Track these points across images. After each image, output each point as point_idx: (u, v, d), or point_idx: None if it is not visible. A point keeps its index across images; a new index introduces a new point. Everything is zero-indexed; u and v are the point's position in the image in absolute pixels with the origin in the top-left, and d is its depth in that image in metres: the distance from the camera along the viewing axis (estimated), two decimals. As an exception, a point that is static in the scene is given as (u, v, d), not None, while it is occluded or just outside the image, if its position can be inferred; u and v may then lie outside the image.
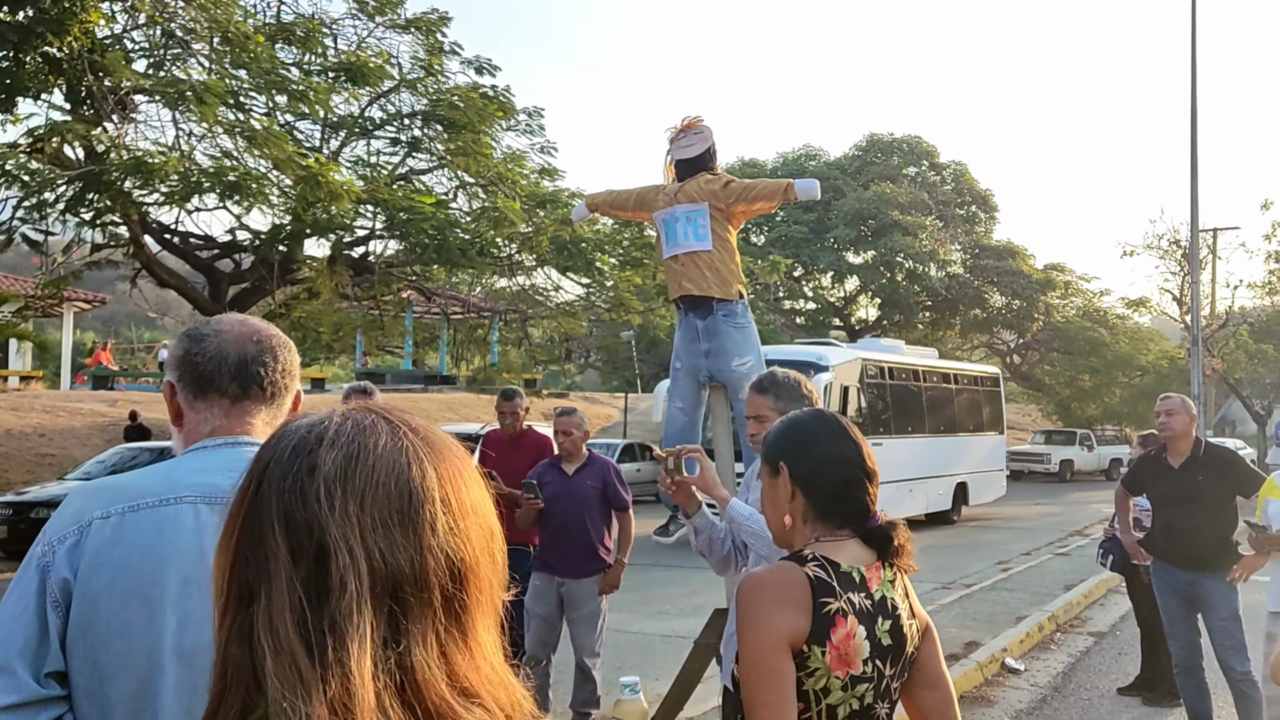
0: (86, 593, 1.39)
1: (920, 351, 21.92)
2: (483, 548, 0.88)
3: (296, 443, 0.85)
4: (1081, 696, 6.81)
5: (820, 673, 1.76)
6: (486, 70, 16.91)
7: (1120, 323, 38.46)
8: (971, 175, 38.57)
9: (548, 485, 5.51)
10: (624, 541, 5.76)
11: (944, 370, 21.10)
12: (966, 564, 12.86)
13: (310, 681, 0.76)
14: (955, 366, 23.26)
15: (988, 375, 23.35)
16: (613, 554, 5.70)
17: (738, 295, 4.84)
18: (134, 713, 1.40)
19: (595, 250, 16.60)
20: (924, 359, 20.56)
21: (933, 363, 20.77)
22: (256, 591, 0.80)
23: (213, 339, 1.59)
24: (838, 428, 1.92)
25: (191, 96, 11.52)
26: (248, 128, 12.73)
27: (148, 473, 1.52)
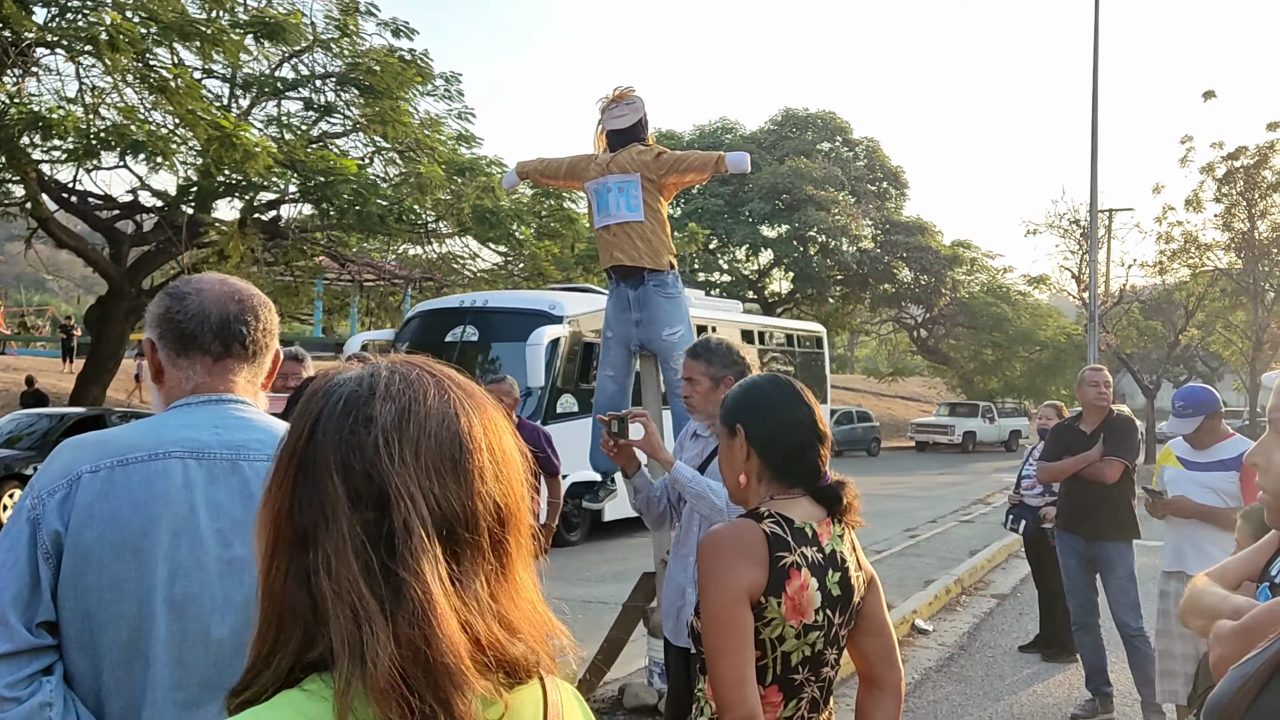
0: (78, 545, 1.42)
1: (717, 304, 18.79)
2: (521, 493, 0.94)
3: (348, 396, 0.89)
4: (986, 654, 7.15)
5: (776, 622, 1.87)
6: (404, 33, 16.59)
7: (1022, 299, 39.80)
8: (883, 152, 39.37)
9: None
10: (553, 507, 5.82)
11: (746, 325, 18.01)
12: (876, 531, 13.28)
13: (376, 619, 0.81)
14: (761, 322, 20.08)
15: (807, 334, 20.38)
16: (541, 519, 5.76)
17: (669, 266, 4.92)
18: (125, 661, 1.43)
19: (514, 220, 16.51)
20: (717, 311, 17.26)
21: (728, 316, 17.53)
22: (314, 536, 0.84)
23: (194, 297, 1.61)
24: (792, 392, 2.03)
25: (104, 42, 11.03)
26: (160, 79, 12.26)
27: (133, 428, 1.54)
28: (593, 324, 13.22)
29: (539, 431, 5.72)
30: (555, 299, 13.18)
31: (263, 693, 0.84)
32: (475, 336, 12.73)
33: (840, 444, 31.64)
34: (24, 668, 1.37)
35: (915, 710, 5.89)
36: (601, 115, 5.10)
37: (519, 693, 0.92)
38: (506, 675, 0.89)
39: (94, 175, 16.61)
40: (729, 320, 16.92)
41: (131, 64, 11.89)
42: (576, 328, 12.90)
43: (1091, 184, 22.66)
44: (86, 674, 1.43)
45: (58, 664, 1.41)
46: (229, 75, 15.64)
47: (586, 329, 12.98)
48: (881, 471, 25.34)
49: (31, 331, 32.61)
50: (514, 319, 12.56)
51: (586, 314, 13.04)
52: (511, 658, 0.88)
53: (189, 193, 15.42)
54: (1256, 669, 1.30)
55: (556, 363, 12.32)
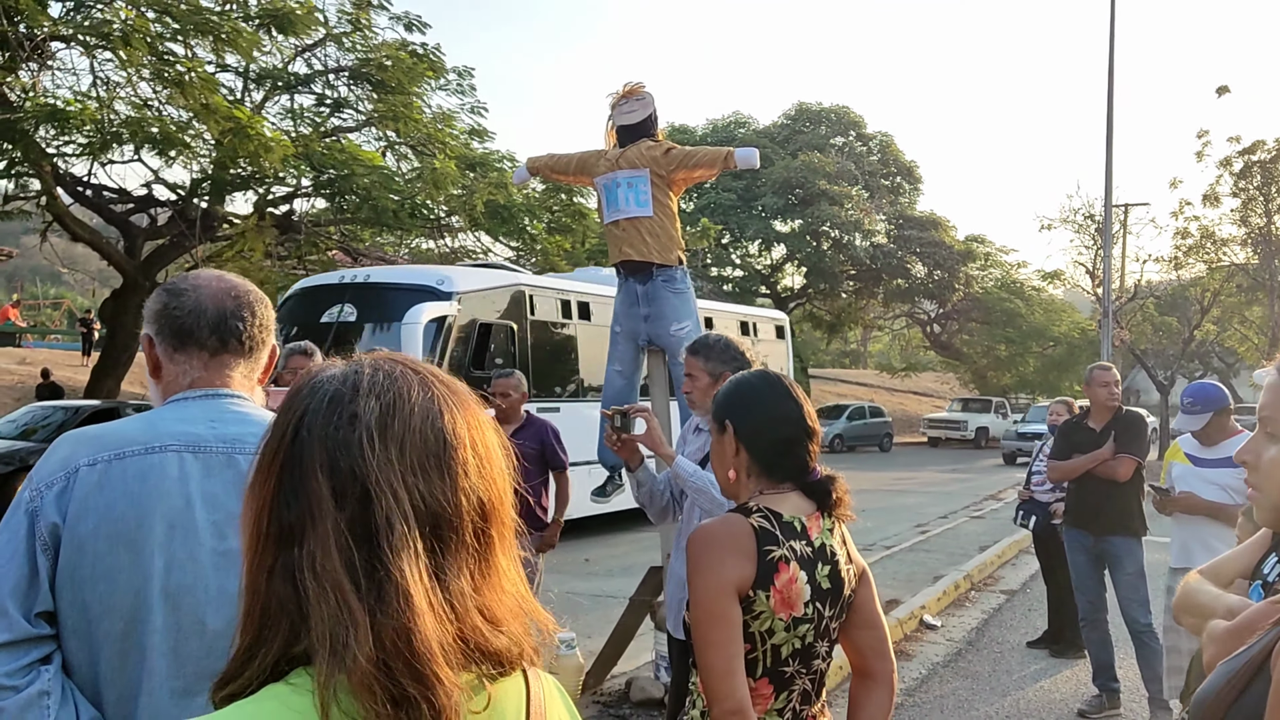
0: (74, 537, 1.45)
1: None
2: (504, 488, 0.96)
3: (333, 393, 0.90)
4: (994, 650, 7.15)
5: (765, 615, 1.88)
6: (416, 27, 16.64)
7: (1036, 294, 39.63)
8: (897, 146, 39.23)
9: None
10: (561, 501, 5.85)
11: None
12: (886, 526, 13.28)
13: (358, 614, 0.82)
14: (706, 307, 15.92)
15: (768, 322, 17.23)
16: (550, 514, 5.79)
17: (677, 261, 4.94)
18: (121, 651, 1.46)
19: (526, 214, 16.53)
20: None
21: None
22: (299, 533, 0.86)
23: (191, 294, 1.64)
24: (781, 388, 2.04)
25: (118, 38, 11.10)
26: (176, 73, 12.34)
27: (132, 421, 1.57)
28: (492, 303, 11.75)
29: (547, 426, 5.75)
30: (447, 274, 11.58)
31: (247, 686, 0.86)
32: (354, 315, 11.27)
33: (852, 439, 31.62)
34: (22, 657, 1.40)
35: (921, 705, 5.90)
36: (611, 111, 5.12)
37: (503, 684, 0.93)
38: (491, 666, 0.91)
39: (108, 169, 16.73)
40: None
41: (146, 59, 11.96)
42: (469, 306, 11.22)
43: (1106, 179, 22.54)
44: (84, 663, 1.46)
45: (56, 653, 1.44)
46: (243, 69, 15.72)
47: (483, 309, 11.42)
48: (893, 467, 25.30)
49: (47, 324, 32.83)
50: (396, 295, 11.18)
51: (482, 291, 11.50)
52: (495, 649, 0.90)
53: (202, 186, 15.51)
54: (1240, 666, 1.32)
55: (441, 345, 10.83)
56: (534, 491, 5.65)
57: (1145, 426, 5.72)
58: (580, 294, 13.37)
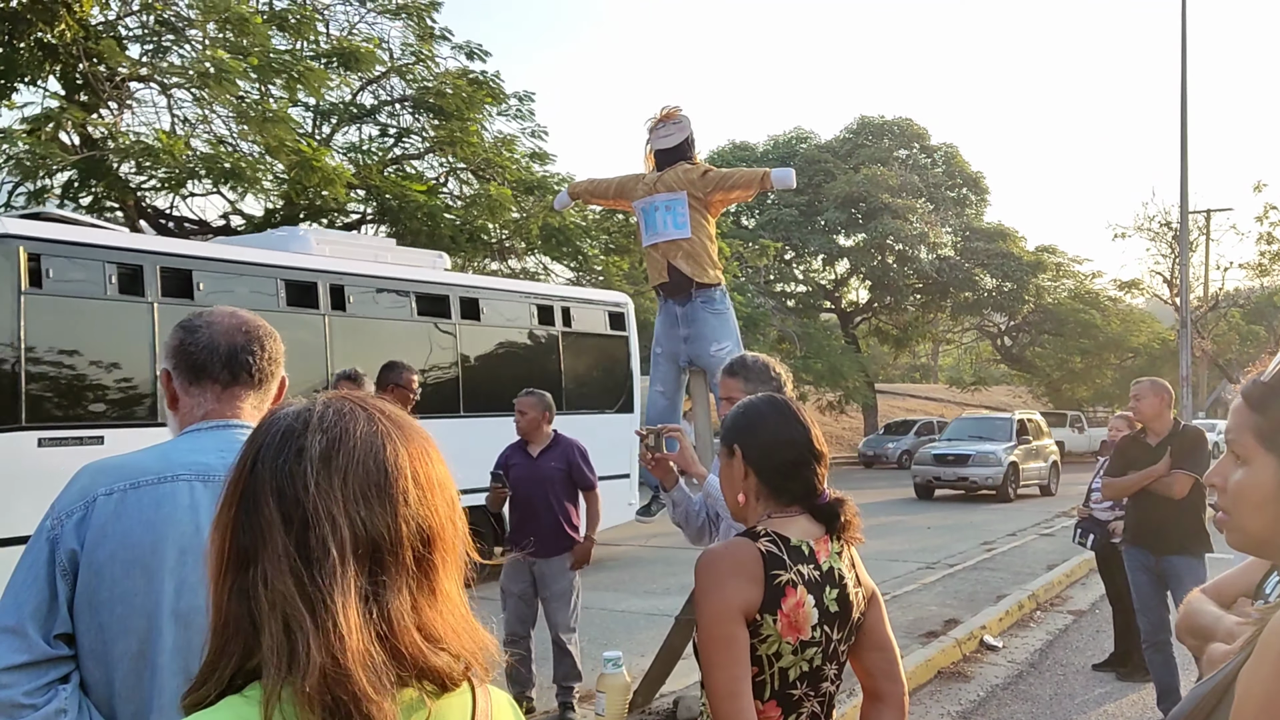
0: (92, 562, 1.54)
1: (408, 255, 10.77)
2: (447, 516, 1.02)
3: (285, 428, 0.99)
4: (1057, 672, 6.99)
5: (772, 639, 1.90)
6: (477, 55, 16.99)
7: (1112, 305, 38.69)
8: (962, 157, 38.71)
9: (513, 468, 5.66)
10: (592, 519, 5.91)
11: (463, 292, 10.53)
12: (951, 544, 13.06)
13: (300, 631, 0.90)
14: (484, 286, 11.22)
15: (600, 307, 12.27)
16: (581, 531, 5.85)
17: (716, 281, 4.97)
18: (135, 670, 1.54)
19: (582, 236, 16.70)
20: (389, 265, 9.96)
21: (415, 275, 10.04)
22: (253, 556, 0.94)
23: (205, 330, 1.73)
24: (788, 412, 2.06)
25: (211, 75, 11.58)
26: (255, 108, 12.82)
27: (147, 453, 1.66)
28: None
29: (574, 446, 5.83)
30: None
31: (208, 696, 0.94)
32: None
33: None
34: (41, 676, 1.49)
35: (978, 728, 5.79)
36: (649, 135, 5.19)
37: (447, 700, 0.99)
38: (432, 683, 0.96)
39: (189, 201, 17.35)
40: (416, 283, 9.95)
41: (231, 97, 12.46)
42: None
43: (1182, 183, 21.95)
44: (100, 682, 1.55)
45: (74, 673, 1.53)
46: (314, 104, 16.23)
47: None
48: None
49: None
50: None
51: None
52: (434, 667, 0.96)
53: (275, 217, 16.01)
54: (1210, 689, 1.31)
55: None
56: (563, 512, 5.72)
57: (1204, 442, 5.57)
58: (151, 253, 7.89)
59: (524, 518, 5.67)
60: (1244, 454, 1.30)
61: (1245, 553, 1.38)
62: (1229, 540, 1.37)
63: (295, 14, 14.35)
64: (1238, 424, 1.31)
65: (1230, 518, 1.34)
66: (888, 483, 24.93)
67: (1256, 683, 1.16)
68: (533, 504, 5.63)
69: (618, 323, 12.39)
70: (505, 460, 5.75)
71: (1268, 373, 1.31)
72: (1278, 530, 1.30)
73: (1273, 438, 1.28)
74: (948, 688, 6.51)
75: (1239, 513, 1.33)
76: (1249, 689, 1.16)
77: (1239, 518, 1.32)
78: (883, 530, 14.96)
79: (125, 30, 14.03)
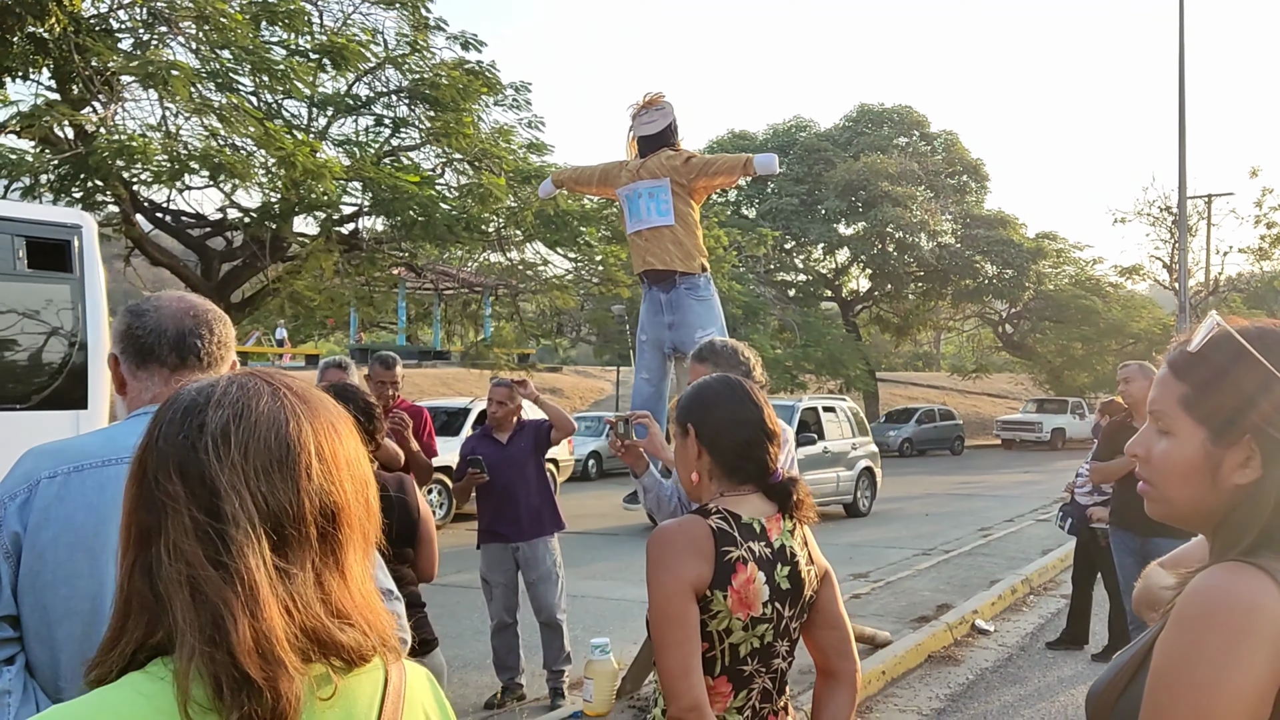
0: (35, 545, 1.55)
1: None
2: (354, 493, 1.02)
3: (187, 404, 0.99)
4: (1046, 655, 7.01)
5: (722, 615, 1.92)
6: (472, 45, 16.92)
7: (1113, 291, 38.60)
8: (962, 145, 38.63)
9: (485, 457, 5.66)
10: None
11: None
12: (948, 531, 13.08)
13: (204, 606, 0.90)
14: None
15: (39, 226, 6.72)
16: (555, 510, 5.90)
17: (700, 269, 4.97)
18: (82, 652, 1.55)
19: (581, 224, 16.69)
20: None
21: None
22: (155, 533, 0.94)
23: (152, 314, 1.74)
24: (741, 392, 2.07)
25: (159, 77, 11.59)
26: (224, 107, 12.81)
27: (92, 436, 1.67)
28: None
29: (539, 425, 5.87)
30: None
31: (109, 672, 0.94)
32: None
33: (922, 443, 31.12)
34: None
35: (965, 711, 5.81)
36: (632, 122, 5.18)
37: (356, 676, 0.99)
38: (339, 659, 0.97)
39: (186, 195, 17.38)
40: None
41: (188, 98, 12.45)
42: None
43: (1180, 168, 21.88)
44: (46, 664, 1.56)
45: (19, 655, 1.55)
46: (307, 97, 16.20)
47: None
48: (963, 470, 24.87)
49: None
50: None
51: None
52: (340, 642, 0.96)
53: (271, 210, 16.01)
54: (1130, 656, 1.32)
55: None
56: (541, 493, 5.75)
57: None
58: None
59: (502, 505, 5.68)
60: (1168, 425, 1.29)
61: (1170, 524, 1.38)
62: (1151, 511, 1.37)
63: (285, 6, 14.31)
64: (1163, 394, 1.30)
65: (1153, 489, 1.34)
66: (888, 470, 24.91)
67: (1169, 648, 1.17)
68: (511, 490, 5.65)
69: (55, 258, 6.92)
70: (472, 450, 5.75)
71: (1194, 341, 1.29)
72: (1203, 501, 1.29)
73: (1199, 407, 1.27)
74: (937, 671, 6.54)
75: (1164, 484, 1.32)
76: (1163, 655, 1.17)
77: (1163, 489, 1.32)
78: (880, 518, 14.98)
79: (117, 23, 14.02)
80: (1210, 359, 1.25)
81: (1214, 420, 1.24)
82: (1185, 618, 1.17)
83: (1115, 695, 1.28)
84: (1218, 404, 1.24)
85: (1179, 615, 1.18)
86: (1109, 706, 1.28)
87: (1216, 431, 1.24)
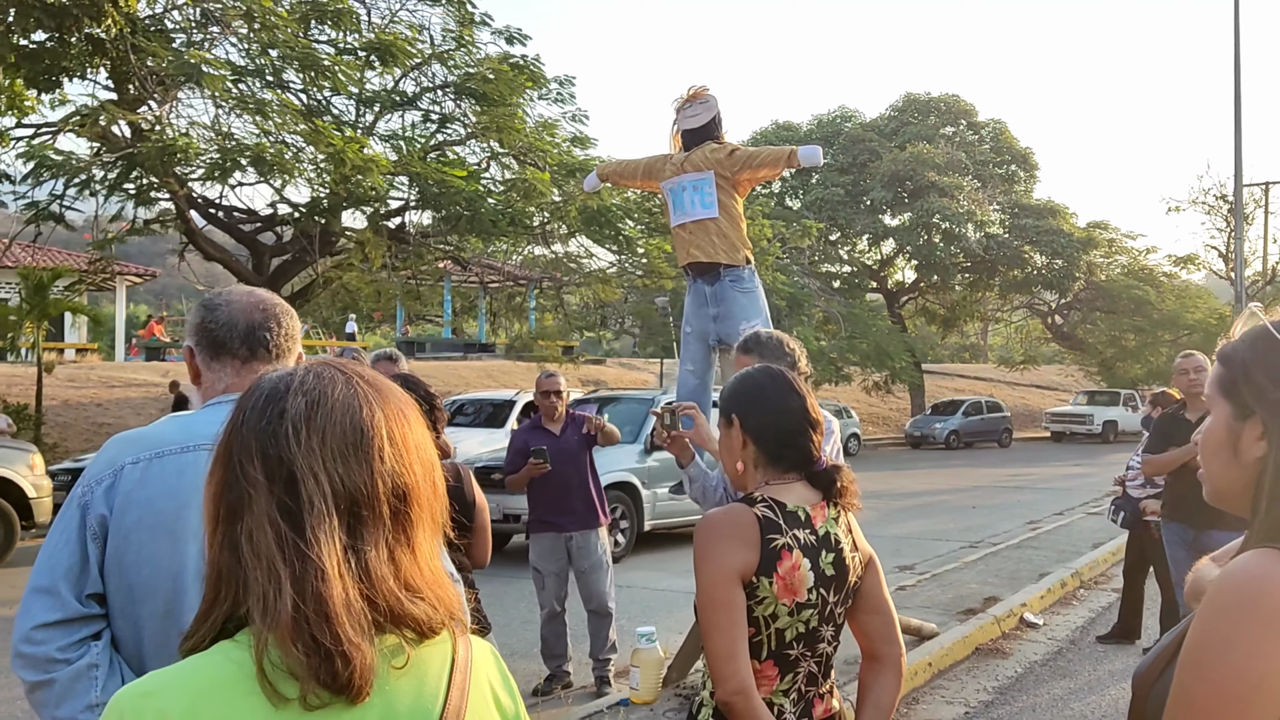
0: (120, 527, 1.65)
1: None
2: (423, 475, 1.09)
3: (269, 392, 1.07)
4: (1097, 649, 6.96)
5: (769, 601, 1.97)
6: (517, 40, 17.05)
7: (1167, 281, 37.88)
8: (1011, 134, 38.09)
9: (544, 448, 5.74)
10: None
11: None
12: (996, 524, 12.98)
13: (282, 580, 0.98)
14: None
15: None
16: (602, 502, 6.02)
17: (744, 261, 5.01)
18: (163, 629, 1.65)
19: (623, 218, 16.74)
20: None
21: None
22: (240, 512, 1.02)
23: (224, 308, 1.83)
24: (784, 382, 2.12)
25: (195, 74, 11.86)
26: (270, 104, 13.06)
27: (170, 424, 1.77)
28: None
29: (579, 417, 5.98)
30: None
31: (202, 642, 1.02)
32: None
33: (969, 436, 30.81)
34: (74, 633, 1.61)
35: (1013, 703, 5.80)
36: (676, 115, 5.22)
37: (427, 647, 1.07)
38: (411, 631, 1.04)
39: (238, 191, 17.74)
40: None
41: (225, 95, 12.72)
42: None
43: (1235, 155, 21.43)
44: (130, 640, 1.66)
45: (105, 631, 1.65)
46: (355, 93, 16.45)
47: None
48: (1010, 463, 24.59)
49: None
50: None
51: None
52: (411, 615, 1.04)
53: (320, 205, 16.28)
54: (1171, 639, 1.35)
55: None
56: (595, 484, 5.84)
57: None
58: None
59: (557, 495, 5.77)
60: (1210, 406, 1.35)
61: (1218, 505, 1.41)
62: (1205, 495, 1.41)
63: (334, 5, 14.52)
64: (1209, 380, 1.36)
65: (1203, 469, 1.38)
66: (934, 463, 24.76)
67: (1198, 631, 1.20)
68: (566, 481, 5.73)
69: None
70: (524, 441, 5.84)
71: (1235, 332, 1.35)
72: (1230, 474, 1.33)
73: (1230, 387, 1.32)
74: (985, 664, 6.52)
75: (1204, 461, 1.37)
76: (1192, 637, 1.21)
77: (1205, 465, 1.36)
78: (926, 510, 14.90)
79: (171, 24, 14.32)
80: (1245, 346, 1.30)
81: (1236, 397, 1.29)
82: (1217, 602, 1.20)
83: (1155, 675, 1.31)
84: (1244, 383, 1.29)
85: (1210, 598, 1.21)
86: (1148, 686, 1.32)
87: (1238, 407, 1.29)
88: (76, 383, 22.57)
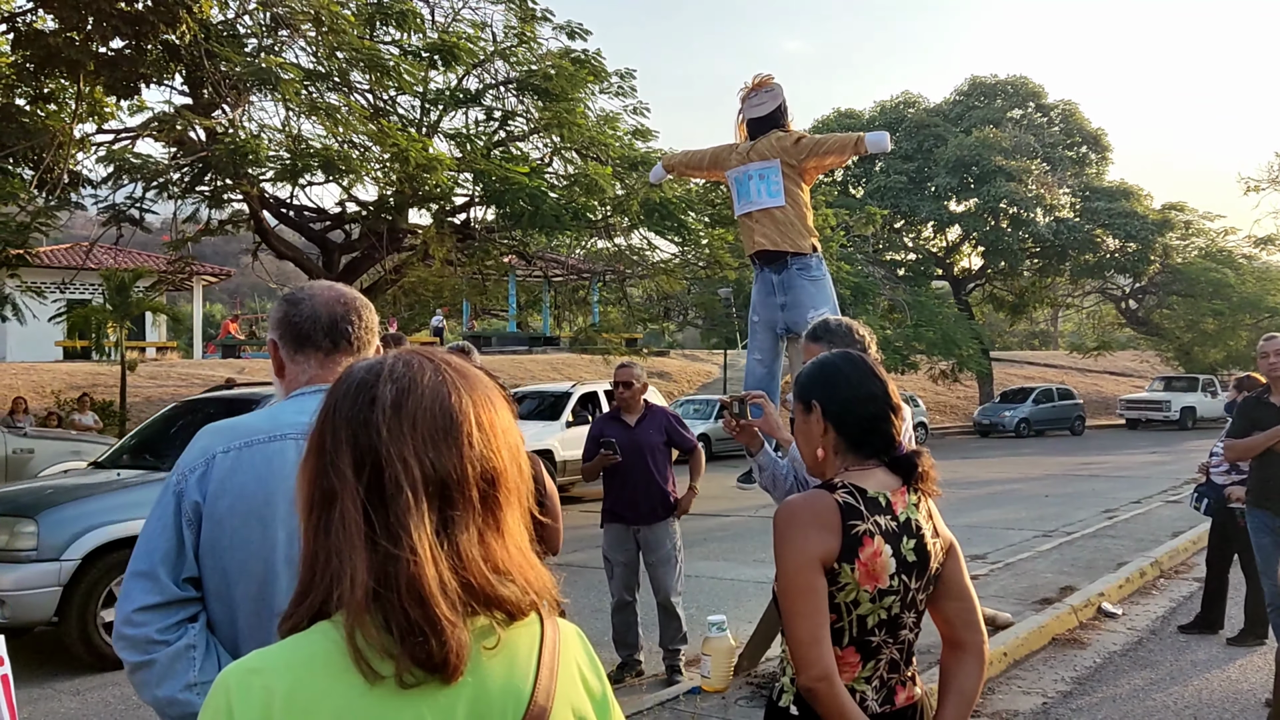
0: (213, 513, 1.70)
1: None
2: (510, 459, 1.11)
3: (359, 381, 1.09)
4: (1179, 639, 6.78)
5: (850, 587, 1.95)
6: (578, 35, 17.11)
7: (1247, 263, 36.67)
8: (1082, 114, 37.16)
9: (612, 439, 5.76)
10: (695, 471, 6.09)
11: None
12: (1070, 513, 12.71)
13: (377, 562, 1.00)
14: None
15: None
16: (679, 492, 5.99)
17: (811, 249, 4.97)
18: (256, 611, 1.70)
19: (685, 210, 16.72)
20: None
21: None
22: (334, 497, 1.04)
23: (307, 302, 1.88)
24: (865, 368, 2.10)
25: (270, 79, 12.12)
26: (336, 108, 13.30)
27: (259, 415, 1.82)
28: None
29: (667, 414, 6.01)
30: None
31: (300, 622, 1.05)
32: None
33: (1040, 423, 30.20)
34: (172, 616, 1.66)
35: (1093, 694, 5.68)
36: (741, 104, 5.20)
37: (516, 629, 1.08)
38: (501, 612, 1.06)
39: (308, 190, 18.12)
40: None
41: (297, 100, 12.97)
42: None
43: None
44: (225, 622, 1.71)
45: (201, 613, 1.70)
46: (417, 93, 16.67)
47: None
48: (1084, 451, 24.06)
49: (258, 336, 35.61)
50: None
51: None
52: (502, 596, 1.05)
53: (386, 203, 16.55)
54: None
55: None
56: (663, 478, 5.83)
57: None
58: None
59: (626, 486, 5.79)
60: None
61: None
62: None
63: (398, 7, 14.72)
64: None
65: None
66: (1004, 451, 24.33)
67: None
68: (635, 473, 5.75)
69: None
70: (600, 432, 5.88)
71: None
72: None
73: None
74: (1062, 654, 6.40)
75: None
76: None
77: None
78: (997, 499, 14.64)
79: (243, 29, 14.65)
80: None
81: None
82: None
83: None
84: None
85: None
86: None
87: None
88: (158, 380, 23.28)
